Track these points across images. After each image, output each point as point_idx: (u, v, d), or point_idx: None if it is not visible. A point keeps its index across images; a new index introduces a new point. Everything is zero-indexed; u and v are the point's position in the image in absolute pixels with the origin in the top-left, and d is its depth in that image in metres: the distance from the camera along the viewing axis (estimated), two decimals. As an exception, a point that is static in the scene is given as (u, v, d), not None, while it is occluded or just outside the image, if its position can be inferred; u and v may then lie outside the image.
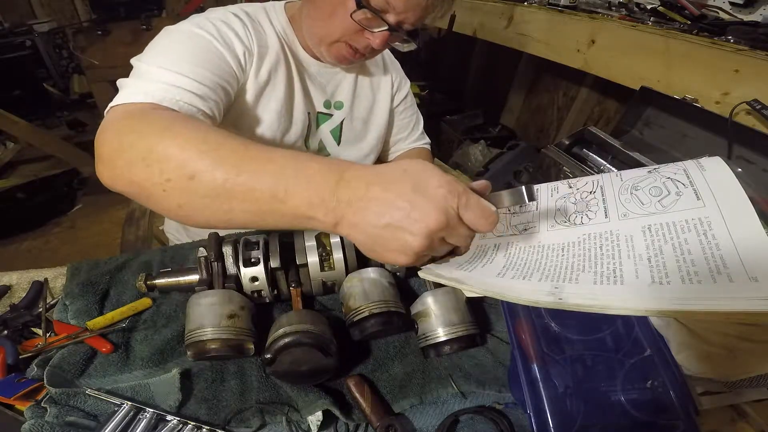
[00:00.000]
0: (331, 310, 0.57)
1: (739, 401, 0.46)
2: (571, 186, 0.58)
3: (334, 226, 0.37)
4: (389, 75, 0.84)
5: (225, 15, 0.63)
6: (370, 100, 0.81)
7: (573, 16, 1.39)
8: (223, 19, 0.62)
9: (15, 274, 0.63)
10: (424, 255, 0.39)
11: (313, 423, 0.43)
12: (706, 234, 0.42)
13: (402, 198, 0.35)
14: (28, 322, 0.53)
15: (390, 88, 0.84)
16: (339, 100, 0.77)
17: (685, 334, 0.43)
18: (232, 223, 0.40)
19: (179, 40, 0.57)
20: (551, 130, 2.11)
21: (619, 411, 0.42)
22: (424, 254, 0.38)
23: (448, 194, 0.36)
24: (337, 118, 0.77)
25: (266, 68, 0.65)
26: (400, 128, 0.91)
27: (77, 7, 2.70)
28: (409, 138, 0.93)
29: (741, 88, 0.97)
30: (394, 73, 0.85)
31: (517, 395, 0.45)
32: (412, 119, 0.92)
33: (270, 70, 0.66)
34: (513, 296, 0.45)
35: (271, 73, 0.66)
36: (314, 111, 0.75)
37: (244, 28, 0.63)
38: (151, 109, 0.46)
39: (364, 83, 0.80)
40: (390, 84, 0.84)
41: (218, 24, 0.60)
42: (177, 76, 0.51)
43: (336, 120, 0.77)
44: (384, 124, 0.85)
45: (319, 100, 0.75)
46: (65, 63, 2.65)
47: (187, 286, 0.54)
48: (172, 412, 0.44)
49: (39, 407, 0.42)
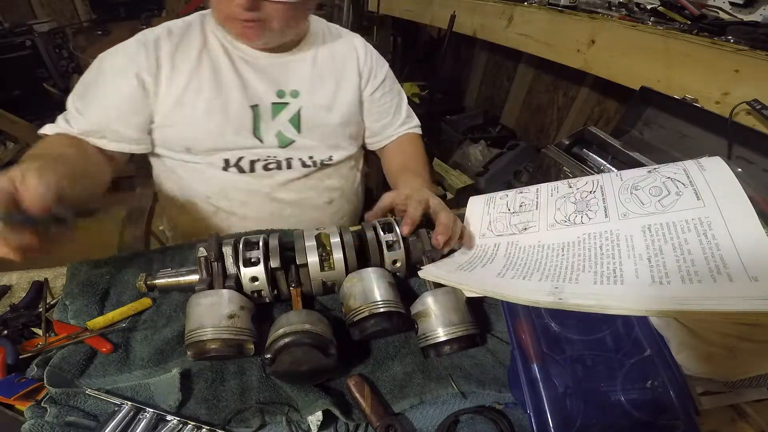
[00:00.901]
0: (331, 310, 0.57)
1: (739, 401, 0.46)
2: (571, 186, 0.58)
3: None
4: (355, 61, 0.83)
5: (126, 46, 0.71)
6: (332, 88, 0.81)
7: (573, 16, 1.39)
8: (121, 50, 0.70)
9: (15, 274, 0.63)
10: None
11: (313, 423, 0.43)
12: (706, 234, 0.42)
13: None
14: (28, 322, 0.53)
15: (356, 76, 0.83)
16: (294, 89, 0.77)
17: (685, 334, 0.43)
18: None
19: (90, 79, 0.70)
20: (551, 130, 2.11)
21: (619, 411, 0.42)
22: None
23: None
24: (293, 106, 0.77)
25: (183, 75, 0.70)
26: (381, 113, 0.89)
27: (77, 7, 2.70)
28: (395, 122, 0.91)
29: (741, 88, 0.97)
30: (363, 59, 0.84)
31: (517, 395, 0.45)
32: (393, 102, 0.90)
33: (189, 76, 0.71)
34: (513, 296, 0.45)
35: (191, 78, 0.71)
36: (265, 102, 0.75)
37: (141, 51, 0.69)
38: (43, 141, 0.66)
39: (323, 70, 0.80)
40: (356, 71, 0.83)
41: (117, 58, 0.70)
42: (80, 118, 0.67)
43: (292, 109, 0.77)
44: (352, 112, 0.84)
45: (271, 91, 0.75)
46: (65, 63, 2.64)
47: (187, 286, 0.54)
48: (172, 412, 0.44)
49: (39, 407, 0.42)
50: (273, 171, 0.79)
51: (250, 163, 0.77)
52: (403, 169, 0.85)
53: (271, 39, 0.71)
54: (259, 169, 0.78)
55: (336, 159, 0.83)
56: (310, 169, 0.81)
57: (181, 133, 0.74)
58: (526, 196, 0.61)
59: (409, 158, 0.89)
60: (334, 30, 0.86)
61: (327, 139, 0.82)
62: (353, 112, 0.84)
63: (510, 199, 0.62)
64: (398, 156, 0.91)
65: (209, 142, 0.74)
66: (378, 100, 0.88)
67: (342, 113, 0.82)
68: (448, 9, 1.95)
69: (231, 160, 0.76)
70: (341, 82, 0.82)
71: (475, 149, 2.09)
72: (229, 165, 0.77)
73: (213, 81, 0.72)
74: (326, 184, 0.85)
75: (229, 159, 0.76)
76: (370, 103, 0.87)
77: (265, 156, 0.77)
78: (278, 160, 0.78)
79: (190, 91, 0.71)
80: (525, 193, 0.62)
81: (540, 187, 0.62)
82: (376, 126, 0.90)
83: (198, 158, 0.76)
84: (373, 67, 0.86)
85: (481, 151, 2.08)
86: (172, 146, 0.75)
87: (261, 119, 0.75)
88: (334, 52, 0.82)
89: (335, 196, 0.88)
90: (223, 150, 0.75)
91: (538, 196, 0.60)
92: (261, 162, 0.77)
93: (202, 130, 0.73)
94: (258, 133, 0.76)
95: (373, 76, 0.86)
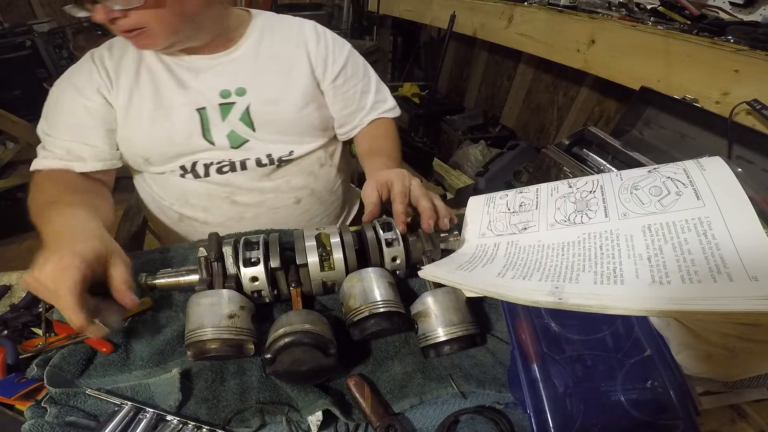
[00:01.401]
0: (331, 310, 0.57)
1: (739, 401, 0.46)
2: (571, 185, 0.58)
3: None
4: (304, 50, 0.79)
5: (78, 67, 0.73)
6: (279, 80, 0.77)
7: (573, 16, 1.39)
8: (77, 71, 0.72)
9: (15, 274, 0.63)
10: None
11: (313, 423, 0.43)
12: (706, 234, 0.42)
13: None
14: (28, 322, 0.53)
15: (307, 65, 0.79)
16: (240, 87, 0.75)
17: (685, 334, 0.43)
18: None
19: (52, 103, 0.71)
20: (551, 130, 2.11)
21: (619, 411, 0.42)
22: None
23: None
24: (241, 104, 0.75)
25: (125, 89, 0.71)
26: (346, 101, 0.84)
27: (77, 7, 2.69)
28: (363, 108, 0.86)
29: (741, 88, 0.97)
30: (315, 47, 0.80)
31: (517, 395, 0.45)
32: (358, 88, 0.85)
33: (130, 89, 0.71)
34: (513, 296, 0.45)
35: (132, 91, 0.71)
36: (212, 104, 0.74)
37: (92, 69, 0.71)
38: (40, 181, 0.67)
39: (268, 64, 0.77)
40: (306, 60, 0.79)
41: (73, 78, 0.71)
42: (52, 140, 0.69)
43: (241, 107, 0.75)
44: (307, 102, 0.79)
45: (214, 93, 0.74)
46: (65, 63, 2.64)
47: (187, 286, 0.54)
48: (172, 412, 0.44)
49: (39, 407, 0.42)
50: (228, 174, 0.78)
51: (204, 168, 0.76)
52: (370, 152, 0.82)
53: (172, 42, 0.68)
54: (213, 173, 0.77)
55: (298, 153, 0.80)
56: (268, 168, 0.79)
57: (134, 146, 0.74)
58: (526, 195, 0.61)
59: (376, 140, 0.86)
60: (281, 21, 0.82)
61: (284, 133, 0.79)
62: (309, 102, 0.79)
63: (510, 199, 0.62)
64: (366, 139, 0.87)
65: (162, 151, 0.74)
66: (341, 87, 0.83)
67: (295, 105, 0.78)
68: (448, 9, 1.95)
69: (186, 166, 0.76)
70: (291, 72, 0.78)
71: (475, 149, 2.09)
72: (186, 171, 0.76)
73: (153, 91, 0.72)
74: (291, 185, 0.82)
75: (185, 165, 0.76)
76: (333, 91, 0.82)
77: (218, 159, 0.76)
78: (232, 162, 0.77)
79: (134, 105, 0.71)
80: (525, 193, 0.62)
81: (540, 187, 0.62)
82: (343, 114, 0.85)
83: (158, 168, 0.76)
84: (328, 55, 0.81)
85: (481, 151, 2.08)
86: (132, 159, 0.76)
87: (210, 122, 0.74)
88: (279, 43, 0.78)
89: (303, 196, 0.84)
90: (177, 157, 0.75)
91: (538, 195, 0.60)
92: (214, 165, 0.76)
93: (152, 141, 0.73)
94: (208, 136, 0.74)
95: (330, 63, 0.81)
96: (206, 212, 0.80)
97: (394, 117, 0.91)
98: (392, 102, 0.91)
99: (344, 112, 0.85)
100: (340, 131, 0.88)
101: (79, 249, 0.45)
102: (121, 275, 0.47)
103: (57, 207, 0.56)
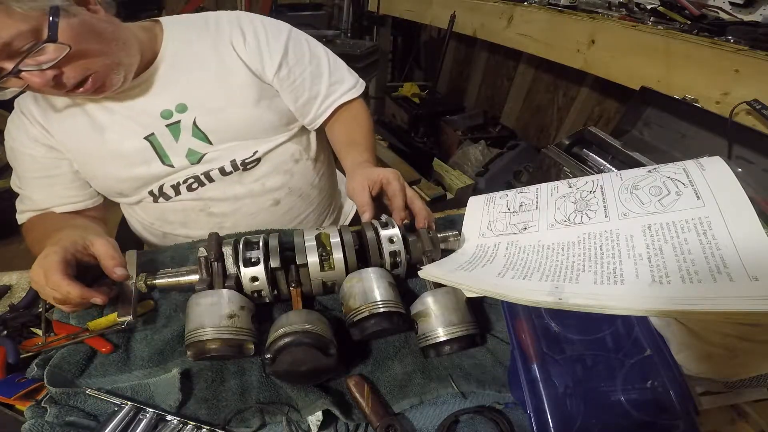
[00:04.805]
0: (331, 310, 0.57)
1: (739, 401, 0.46)
2: (571, 185, 0.58)
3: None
4: (228, 48, 0.73)
5: (11, 125, 0.71)
6: (217, 86, 0.72)
7: (573, 16, 1.39)
8: (14, 129, 0.71)
9: (15, 274, 0.63)
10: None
11: (313, 423, 0.43)
12: (706, 234, 0.42)
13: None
14: (28, 322, 0.53)
15: (239, 63, 0.73)
16: (179, 103, 0.70)
17: (685, 334, 0.43)
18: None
19: (11, 160, 0.72)
20: (551, 130, 2.11)
21: (619, 411, 0.42)
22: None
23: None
24: (186, 120, 0.71)
25: (63, 134, 0.69)
26: (296, 90, 0.77)
27: (77, 7, 2.69)
28: (319, 93, 0.79)
29: (741, 88, 0.97)
30: (242, 43, 0.73)
31: (517, 395, 0.45)
32: (306, 73, 0.77)
33: (68, 133, 0.69)
34: (513, 296, 0.45)
35: (71, 135, 0.70)
36: (158, 128, 0.70)
37: (24, 121, 0.69)
38: (30, 227, 0.74)
39: (197, 73, 0.71)
40: (236, 59, 0.73)
41: (11, 137, 0.71)
42: (25, 195, 0.73)
43: (187, 123, 0.71)
44: (255, 101, 0.74)
45: (155, 117, 0.70)
46: None
47: (187, 286, 0.54)
48: (172, 412, 0.44)
49: (39, 407, 0.42)
50: (198, 189, 0.76)
51: (173, 189, 0.76)
52: (343, 143, 0.79)
53: (123, 73, 0.63)
54: (183, 191, 0.76)
55: (263, 151, 0.76)
56: (236, 174, 0.76)
57: (101, 185, 0.75)
58: (526, 195, 0.61)
59: (346, 128, 0.81)
60: (189, 24, 0.75)
61: (243, 138, 0.74)
62: (259, 101, 0.74)
63: (510, 199, 0.62)
64: (335, 128, 0.82)
65: (126, 184, 0.74)
66: (287, 78, 0.76)
67: (244, 107, 0.73)
68: (448, 9, 1.95)
69: (155, 191, 0.76)
70: (225, 75, 0.72)
71: (475, 149, 2.09)
72: (156, 196, 0.76)
73: (91, 130, 0.69)
74: (267, 187, 0.79)
75: (153, 191, 0.75)
76: (280, 83, 0.76)
77: (183, 178, 0.74)
78: (197, 176, 0.74)
79: (81, 146, 0.70)
80: (525, 193, 0.62)
81: (540, 187, 0.62)
82: (297, 106, 0.79)
83: (130, 199, 0.78)
84: (261, 47, 0.74)
85: (481, 151, 2.08)
86: (106, 193, 0.77)
87: (164, 146, 0.71)
88: (198, 48, 0.72)
89: (281, 196, 0.81)
90: (144, 185, 0.74)
91: (538, 195, 0.60)
92: (182, 185, 0.75)
93: (111, 178, 0.73)
94: (167, 161, 0.72)
95: (267, 56, 0.74)
96: (186, 227, 0.81)
97: (358, 96, 0.83)
98: (351, 80, 0.83)
99: (298, 104, 0.79)
100: (307, 122, 0.81)
101: (56, 241, 0.52)
102: (106, 251, 0.52)
103: (50, 234, 0.60)
